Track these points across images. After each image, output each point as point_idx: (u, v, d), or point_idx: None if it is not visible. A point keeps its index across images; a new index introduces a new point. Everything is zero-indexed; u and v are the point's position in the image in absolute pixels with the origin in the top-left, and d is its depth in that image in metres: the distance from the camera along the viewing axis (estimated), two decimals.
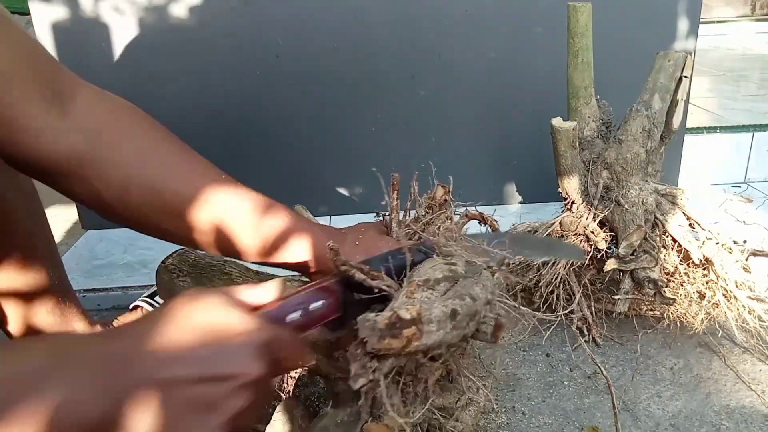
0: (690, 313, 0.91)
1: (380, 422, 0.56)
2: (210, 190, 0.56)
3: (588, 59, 0.95)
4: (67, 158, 0.52)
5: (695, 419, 0.79)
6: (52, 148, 0.51)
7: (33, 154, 0.51)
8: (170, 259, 0.82)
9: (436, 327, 0.44)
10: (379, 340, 0.41)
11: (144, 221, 0.59)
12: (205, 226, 0.56)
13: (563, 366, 0.90)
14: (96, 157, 0.53)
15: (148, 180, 0.55)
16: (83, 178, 0.53)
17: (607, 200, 0.94)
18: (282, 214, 0.60)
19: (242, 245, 0.57)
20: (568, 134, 0.90)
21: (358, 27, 1.28)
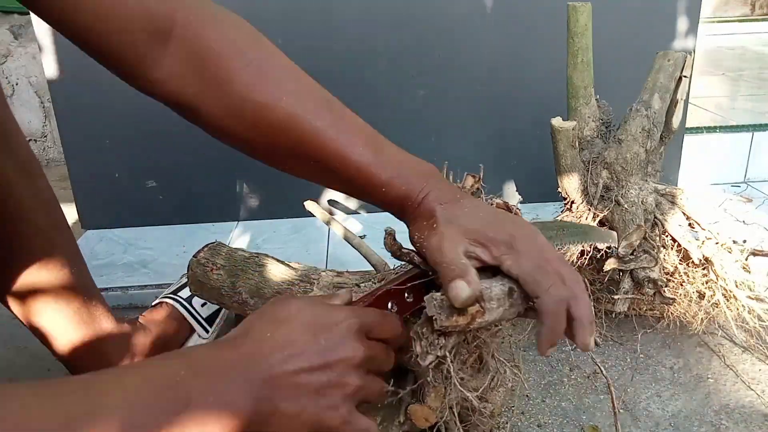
0: (690, 313, 0.91)
1: (424, 404, 0.59)
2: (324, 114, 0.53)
3: (588, 59, 0.95)
4: (178, 91, 0.52)
5: (695, 419, 0.80)
6: (164, 85, 0.51)
7: (151, 88, 0.52)
8: (202, 253, 0.82)
9: (496, 304, 0.47)
10: (447, 317, 0.44)
11: (256, 141, 0.55)
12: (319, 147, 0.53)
13: (563, 366, 0.90)
14: (204, 86, 0.51)
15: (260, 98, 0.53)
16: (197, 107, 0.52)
17: (606, 200, 0.94)
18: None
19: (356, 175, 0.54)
20: (567, 134, 0.90)
21: (358, 27, 1.28)
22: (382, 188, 0.52)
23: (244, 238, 1.30)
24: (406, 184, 0.52)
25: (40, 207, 0.69)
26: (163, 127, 1.30)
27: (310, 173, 0.55)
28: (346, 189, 0.56)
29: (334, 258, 1.19)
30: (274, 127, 0.52)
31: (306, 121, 0.52)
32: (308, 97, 0.53)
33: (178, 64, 0.51)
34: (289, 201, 1.37)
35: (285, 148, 0.53)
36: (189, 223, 1.37)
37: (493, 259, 0.49)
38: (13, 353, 0.97)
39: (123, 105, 1.27)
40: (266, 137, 0.53)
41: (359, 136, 0.53)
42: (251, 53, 0.52)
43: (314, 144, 0.52)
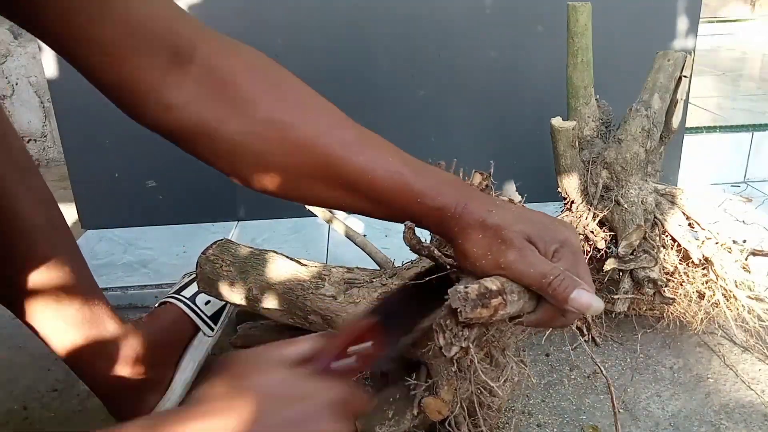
0: (689, 313, 0.91)
1: (437, 397, 0.61)
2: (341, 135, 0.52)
3: (587, 59, 0.95)
4: (192, 123, 0.50)
5: (695, 419, 0.80)
6: (181, 111, 0.49)
7: (165, 116, 0.50)
8: (211, 250, 0.83)
9: (516, 297, 0.48)
10: (472, 309, 0.45)
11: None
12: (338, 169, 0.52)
13: (563, 366, 0.90)
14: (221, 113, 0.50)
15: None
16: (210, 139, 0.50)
17: (606, 200, 0.94)
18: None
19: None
20: (567, 134, 0.90)
21: (358, 27, 1.28)
22: (417, 200, 0.50)
23: (244, 238, 1.30)
24: (441, 195, 0.50)
25: (37, 206, 0.69)
26: None
27: (335, 196, 0.53)
28: (374, 209, 0.53)
29: (334, 258, 1.19)
30: (300, 146, 0.50)
31: (332, 137, 0.51)
32: (330, 116, 0.53)
33: (198, 87, 0.49)
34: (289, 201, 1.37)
35: (310, 167, 0.51)
36: (189, 223, 1.37)
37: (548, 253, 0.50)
38: (13, 353, 0.97)
39: None
40: (291, 157, 0.51)
41: (385, 150, 0.52)
42: (273, 76, 0.52)
43: (342, 160, 0.50)
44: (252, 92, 0.50)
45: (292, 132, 0.50)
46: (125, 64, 0.47)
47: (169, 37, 0.47)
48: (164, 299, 0.90)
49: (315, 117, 0.51)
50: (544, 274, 0.47)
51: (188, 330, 0.87)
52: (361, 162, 0.50)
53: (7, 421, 0.83)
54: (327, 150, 0.50)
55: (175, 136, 0.51)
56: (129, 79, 0.47)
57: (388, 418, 0.64)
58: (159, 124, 0.51)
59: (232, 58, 0.50)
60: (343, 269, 0.79)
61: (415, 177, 0.50)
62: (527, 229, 0.49)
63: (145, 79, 0.47)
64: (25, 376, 0.91)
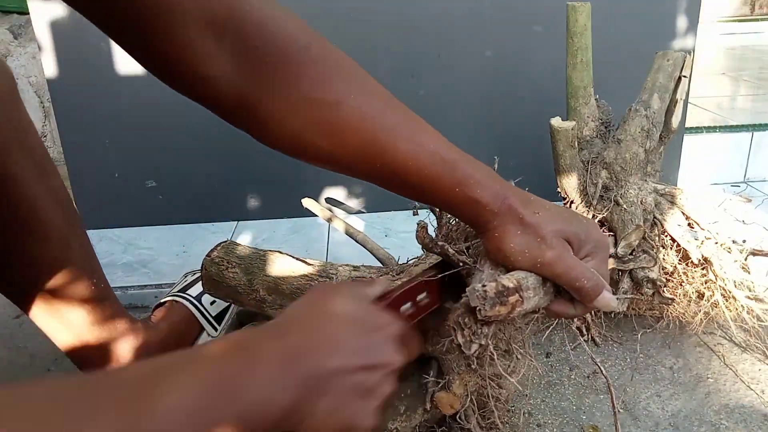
0: (689, 313, 0.91)
1: (449, 391, 0.63)
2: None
3: (587, 59, 0.95)
4: (231, 92, 0.47)
5: (694, 419, 0.80)
6: (217, 84, 0.47)
7: (202, 88, 0.48)
8: (215, 252, 0.83)
9: (532, 294, 0.49)
10: (491, 307, 0.47)
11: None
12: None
13: (563, 366, 0.90)
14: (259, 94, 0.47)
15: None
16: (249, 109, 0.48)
17: (605, 200, 0.94)
18: None
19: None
20: (567, 134, 0.90)
21: (358, 27, 1.28)
22: (456, 189, 0.50)
23: (244, 238, 1.30)
24: (480, 186, 0.50)
25: (56, 206, 0.69)
26: (163, 127, 1.30)
27: (375, 175, 0.52)
28: (410, 191, 0.53)
29: (334, 258, 1.19)
30: (342, 126, 0.48)
31: (376, 120, 0.49)
32: (375, 96, 0.50)
33: (235, 60, 0.46)
34: (288, 201, 1.37)
35: (352, 148, 0.49)
36: (189, 223, 1.37)
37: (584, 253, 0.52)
38: (13, 353, 0.97)
39: (123, 105, 1.28)
40: (332, 137, 0.49)
41: (430, 136, 0.51)
42: (315, 51, 0.48)
43: (385, 143, 0.49)
44: (290, 67, 0.47)
45: (336, 113, 0.48)
46: (158, 36, 0.44)
47: (201, 9, 0.44)
48: (170, 298, 0.89)
49: (359, 97, 0.49)
50: (578, 278, 0.49)
51: (194, 329, 0.87)
52: (405, 147, 0.49)
53: None
54: (370, 133, 0.49)
55: (214, 107, 0.49)
56: (163, 51, 0.45)
57: (400, 413, 0.65)
58: (198, 95, 0.49)
59: (273, 27, 0.47)
60: (350, 267, 0.79)
61: (458, 165, 0.50)
62: (565, 228, 0.50)
63: (179, 51, 0.45)
64: (25, 376, 0.91)
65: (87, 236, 0.75)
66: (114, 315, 0.76)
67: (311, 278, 0.77)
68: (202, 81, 0.47)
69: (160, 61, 0.46)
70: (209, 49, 0.45)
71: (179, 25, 0.44)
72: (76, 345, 0.74)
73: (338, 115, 0.48)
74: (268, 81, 0.47)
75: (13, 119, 0.65)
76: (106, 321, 0.75)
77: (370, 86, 0.51)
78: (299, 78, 0.47)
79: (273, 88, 0.47)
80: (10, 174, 0.64)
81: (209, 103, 0.49)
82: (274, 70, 0.47)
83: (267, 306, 0.79)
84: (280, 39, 0.47)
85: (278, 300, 0.78)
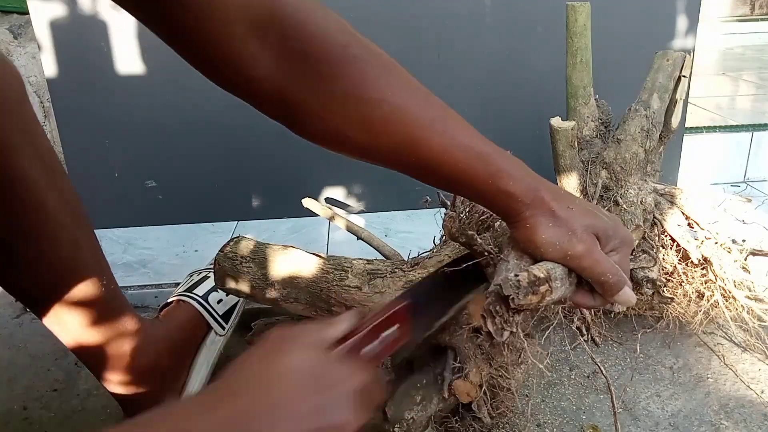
0: (689, 313, 0.91)
1: (466, 379, 0.65)
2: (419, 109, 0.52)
3: (587, 59, 0.95)
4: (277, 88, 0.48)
5: (694, 418, 0.80)
6: (262, 84, 0.48)
7: (247, 88, 0.49)
8: (228, 247, 0.83)
9: (560, 284, 0.50)
10: (524, 296, 0.48)
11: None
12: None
13: (563, 366, 0.90)
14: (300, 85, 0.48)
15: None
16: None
17: (605, 200, 0.94)
18: None
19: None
20: (566, 134, 0.90)
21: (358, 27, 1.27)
22: (489, 181, 0.51)
23: None
24: (513, 179, 0.51)
25: (65, 207, 0.70)
26: (163, 127, 1.30)
27: (410, 168, 0.53)
28: (446, 184, 0.54)
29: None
30: (380, 124, 0.49)
31: (415, 116, 0.50)
32: (412, 92, 0.52)
33: (278, 60, 0.47)
34: (289, 201, 1.37)
35: (389, 144, 0.51)
36: (189, 223, 1.37)
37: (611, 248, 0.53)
38: (13, 353, 0.97)
39: (123, 105, 1.28)
40: (369, 133, 0.50)
41: (465, 130, 0.52)
42: (354, 48, 0.49)
43: (421, 139, 0.50)
44: (332, 66, 0.48)
45: (373, 109, 0.49)
46: (205, 40, 0.45)
47: (244, 10, 0.45)
48: (177, 297, 0.90)
49: (396, 94, 0.50)
50: (603, 272, 0.51)
51: (201, 329, 0.87)
52: (440, 142, 0.50)
53: (7, 421, 0.83)
54: (407, 130, 0.50)
55: (257, 104, 0.51)
56: (208, 52, 0.46)
57: (416, 402, 0.66)
58: (242, 94, 0.50)
59: (313, 27, 0.48)
60: (364, 261, 0.79)
61: (491, 159, 0.51)
62: (595, 223, 0.52)
63: (224, 52, 0.46)
64: (25, 376, 0.91)
65: (95, 236, 0.75)
66: (122, 314, 0.76)
67: (327, 271, 0.78)
68: (247, 81, 0.48)
69: (208, 64, 0.48)
70: (254, 50, 0.46)
71: (224, 28, 0.45)
72: (84, 344, 0.74)
73: (379, 113, 0.49)
74: (309, 80, 0.48)
75: (24, 122, 0.65)
76: (114, 321, 0.75)
77: (409, 83, 0.52)
78: (340, 76, 0.48)
79: (314, 87, 0.48)
80: (21, 176, 0.65)
81: (253, 100, 0.50)
82: (316, 69, 0.48)
83: (282, 300, 0.79)
84: (320, 38, 0.48)
85: (293, 293, 0.78)
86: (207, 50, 0.46)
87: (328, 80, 0.48)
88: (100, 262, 0.75)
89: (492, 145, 0.53)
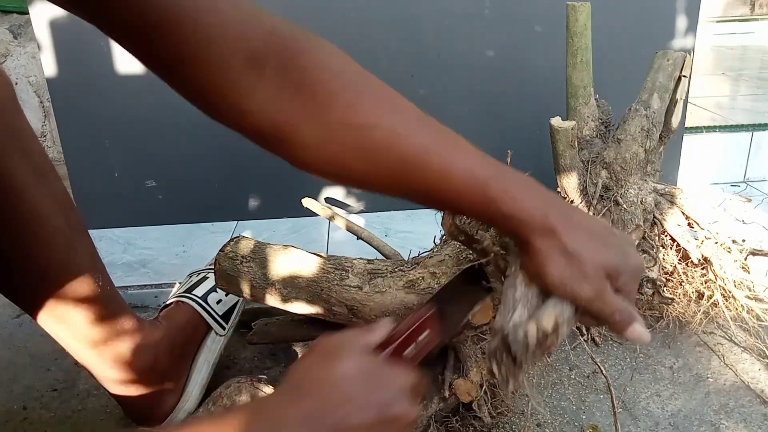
0: (689, 313, 0.91)
1: (467, 378, 0.65)
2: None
3: (587, 59, 0.95)
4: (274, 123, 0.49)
5: (694, 418, 0.80)
6: (257, 115, 0.48)
7: (241, 120, 0.49)
8: (229, 247, 0.83)
9: (566, 326, 0.48)
10: (530, 352, 0.47)
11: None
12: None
13: (563, 365, 0.90)
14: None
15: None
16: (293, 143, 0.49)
17: (605, 200, 0.94)
18: None
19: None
20: (567, 134, 0.90)
21: (358, 27, 1.28)
22: (490, 205, 0.49)
23: None
24: (516, 202, 0.49)
25: (58, 210, 0.70)
26: (163, 127, 1.30)
27: (411, 194, 0.52)
28: (449, 208, 0.54)
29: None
30: (375, 149, 0.49)
31: (408, 139, 0.49)
32: (406, 116, 0.51)
33: (273, 91, 0.48)
34: (288, 201, 1.37)
35: (386, 170, 0.50)
36: (189, 223, 1.37)
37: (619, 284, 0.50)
38: (13, 353, 0.97)
39: (123, 105, 1.28)
40: (366, 161, 0.49)
41: (463, 152, 0.50)
42: (347, 76, 0.50)
43: (417, 164, 0.49)
44: (325, 95, 0.48)
45: (368, 134, 0.49)
46: (197, 71, 0.46)
47: (241, 44, 0.46)
48: (176, 298, 0.90)
49: (390, 118, 0.50)
50: (612, 314, 0.49)
51: (201, 329, 0.87)
52: (437, 167, 0.49)
53: (7, 421, 0.83)
54: (403, 156, 0.49)
55: (252, 137, 0.51)
56: (204, 85, 0.47)
57: (417, 403, 0.66)
58: (236, 127, 0.50)
59: (307, 57, 0.49)
60: (364, 261, 0.79)
61: (491, 181, 0.49)
62: (606, 261, 0.49)
63: (218, 86, 0.46)
64: (25, 376, 0.91)
65: (91, 239, 0.75)
66: (120, 316, 0.76)
67: (327, 271, 0.77)
68: (242, 114, 0.48)
69: (204, 97, 0.48)
70: (251, 82, 0.47)
71: (222, 61, 0.45)
72: (83, 347, 0.74)
73: (373, 138, 0.49)
74: (303, 110, 0.48)
75: (14, 127, 0.65)
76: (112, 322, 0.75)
77: (404, 107, 0.51)
78: (333, 105, 0.48)
79: (309, 116, 0.48)
80: (12, 182, 0.65)
81: (249, 133, 0.50)
82: (310, 99, 0.48)
83: (282, 299, 0.79)
84: (315, 68, 0.48)
85: (293, 293, 0.78)
86: (203, 83, 0.46)
87: (323, 109, 0.48)
88: (96, 264, 0.75)
89: (495, 165, 0.51)
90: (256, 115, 0.48)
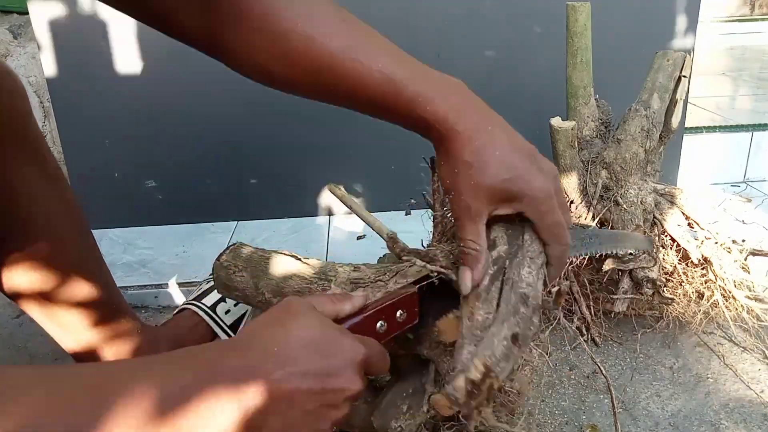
0: (689, 313, 0.91)
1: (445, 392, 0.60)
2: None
3: (587, 59, 0.95)
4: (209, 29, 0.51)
5: (694, 418, 0.80)
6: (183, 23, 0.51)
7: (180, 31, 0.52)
8: (224, 256, 0.83)
9: (504, 363, 0.46)
10: (469, 405, 0.44)
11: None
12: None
13: (563, 366, 0.90)
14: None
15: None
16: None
17: (605, 200, 0.94)
18: None
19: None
20: (566, 134, 0.90)
21: None
22: (405, 107, 0.50)
23: (244, 238, 1.30)
24: (431, 104, 0.49)
25: (67, 214, 0.71)
26: (163, 127, 1.30)
27: (332, 98, 0.53)
28: (368, 111, 0.53)
29: (333, 257, 1.19)
30: (291, 55, 0.50)
31: (322, 43, 0.50)
32: (323, 20, 0.51)
33: (200, 11, 0.50)
34: (289, 201, 1.37)
35: (304, 74, 0.51)
36: (189, 223, 1.37)
37: (514, 211, 0.51)
38: (13, 353, 0.97)
39: (123, 105, 1.28)
40: (285, 66, 0.51)
41: (378, 54, 0.51)
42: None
43: (332, 67, 0.50)
44: (242, 4, 0.50)
45: (284, 42, 0.50)
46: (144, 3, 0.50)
47: None
48: (184, 306, 0.90)
49: (305, 24, 0.50)
50: (462, 239, 0.50)
51: (206, 338, 0.88)
52: (351, 71, 0.50)
53: None
54: (319, 59, 0.50)
55: (199, 49, 0.54)
56: (150, 10, 0.51)
57: (403, 412, 0.65)
58: (180, 38, 0.53)
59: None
60: (350, 268, 0.79)
61: (408, 83, 0.50)
62: (500, 178, 0.50)
63: (157, 8, 0.50)
64: None
65: (96, 243, 0.76)
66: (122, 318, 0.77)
67: (310, 281, 0.77)
68: (182, 31, 0.52)
69: (151, 18, 0.52)
70: (178, 5, 0.50)
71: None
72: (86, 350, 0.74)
73: (289, 44, 0.50)
74: (227, 23, 0.50)
75: (29, 134, 0.67)
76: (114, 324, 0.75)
77: (320, 12, 0.52)
78: (250, 14, 0.50)
79: (233, 29, 0.50)
80: (24, 188, 0.66)
81: (193, 46, 0.54)
82: (230, 13, 0.50)
83: None
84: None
85: None
86: (149, 9, 0.51)
87: (241, 20, 0.50)
88: (101, 268, 0.76)
89: (414, 66, 0.51)
90: (193, 30, 0.51)
